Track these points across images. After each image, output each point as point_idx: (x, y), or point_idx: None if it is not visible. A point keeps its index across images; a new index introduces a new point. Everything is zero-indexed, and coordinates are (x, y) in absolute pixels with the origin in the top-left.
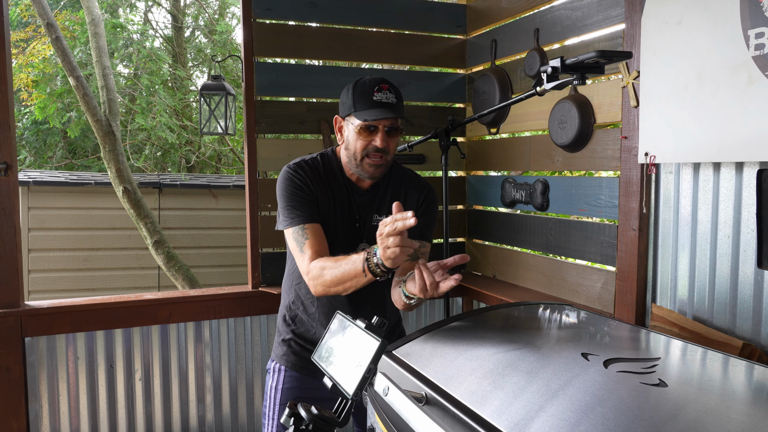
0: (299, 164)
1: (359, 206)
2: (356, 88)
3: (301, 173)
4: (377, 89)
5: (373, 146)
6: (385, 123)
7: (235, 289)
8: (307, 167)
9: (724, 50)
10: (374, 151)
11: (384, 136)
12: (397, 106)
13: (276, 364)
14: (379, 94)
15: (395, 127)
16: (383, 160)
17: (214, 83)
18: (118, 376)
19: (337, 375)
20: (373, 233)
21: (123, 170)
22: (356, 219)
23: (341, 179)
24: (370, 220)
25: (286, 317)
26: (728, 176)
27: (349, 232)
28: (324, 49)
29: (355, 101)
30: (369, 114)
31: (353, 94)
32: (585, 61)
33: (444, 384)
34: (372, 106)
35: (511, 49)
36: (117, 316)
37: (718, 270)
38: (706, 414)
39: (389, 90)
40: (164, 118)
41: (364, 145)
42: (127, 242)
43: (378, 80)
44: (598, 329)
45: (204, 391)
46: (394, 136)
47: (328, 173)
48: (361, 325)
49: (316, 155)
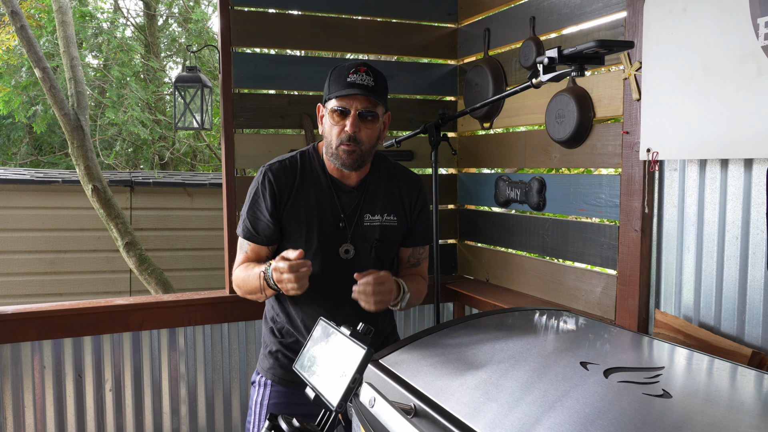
0: (272, 168)
1: (344, 205)
2: (333, 72)
3: (273, 181)
4: (354, 71)
5: (345, 133)
6: (357, 106)
7: (212, 294)
8: (284, 169)
9: (732, 39)
10: (346, 139)
11: (355, 120)
12: (373, 89)
13: (262, 377)
14: (354, 76)
15: (370, 112)
16: (355, 148)
17: (189, 75)
18: (87, 386)
19: (320, 385)
20: (363, 234)
21: (92, 167)
22: (341, 219)
23: (323, 177)
24: (359, 219)
25: (273, 329)
26: (736, 173)
27: (332, 233)
28: (306, 39)
29: (331, 84)
30: (339, 93)
31: (330, 77)
32: (584, 51)
33: (434, 395)
34: (345, 86)
35: (505, 38)
36: (86, 322)
37: (725, 273)
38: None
39: (367, 72)
40: (136, 112)
41: (338, 131)
42: (96, 244)
43: (357, 63)
44: (597, 336)
45: (178, 402)
46: (368, 122)
47: (308, 172)
48: (345, 332)
49: (296, 153)
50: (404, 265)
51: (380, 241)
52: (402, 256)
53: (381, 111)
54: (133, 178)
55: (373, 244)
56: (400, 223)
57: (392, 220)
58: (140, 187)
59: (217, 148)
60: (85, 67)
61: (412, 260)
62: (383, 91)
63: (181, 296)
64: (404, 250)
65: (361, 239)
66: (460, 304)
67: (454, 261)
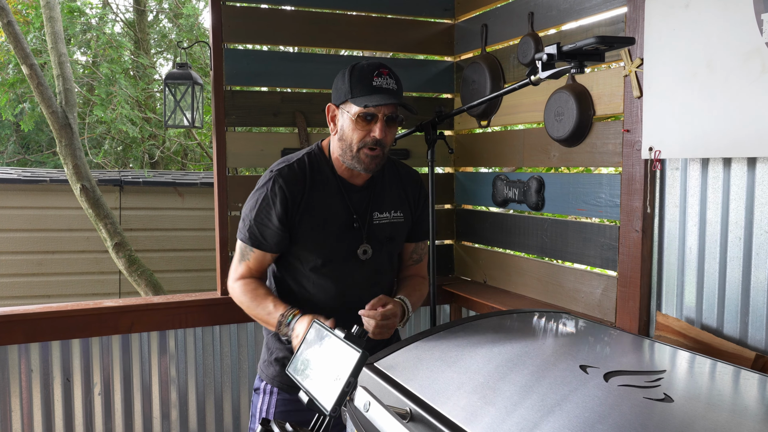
0: (282, 173)
1: (356, 205)
2: (354, 73)
3: (284, 187)
4: (377, 74)
5: (372, 137)
6: (385, 111)
7: (203, 296)
8: (293, 173)
9: (736, 36)
10: (373, 143)
11: (383, 125)
12: (398, 93)
13: (267, 385)
14: (379, 79)
15: (394, 117)
16: (380, 152)
17: (179, 72)
18: (76, 390)
19: (314, 389)
20: (374, 232)
21: (81, 166)
22: (354, 219)
23: (333, 178)
24: (369, 218)
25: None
26: (740, 173)
27: (348, 234)
28: (300, 35)
29: (353, 86)
30: (369, 100)
31: (350, 78)
32: (584, 47)
33: (430, 399)
34: (372, 91)
35: (503, 34)
36: (74, 325)
37: (728, 275)
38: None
39: (389, 75)
40: (125, 110)
41: (362, 135)
42: (85, 245)
43: (377, 64)
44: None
45: (169, 407)
46: (392, 126)
47: (318, 174)
48: (340, 334)
49: (303, 155)
50: (407, 262)
51: (390, 239)
52: (405, 253)
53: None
54: (123, 177)
55: (385, 242)
56: (406, 219)
57: (399, 217)
58: (130, 186)
59: (209, 147)
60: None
61: (415, 256)
62: (402, 93)
63: (172, 298)
64: (408, 246)
65: (374, 238)
66: (457, 306)
67: (451, 262)
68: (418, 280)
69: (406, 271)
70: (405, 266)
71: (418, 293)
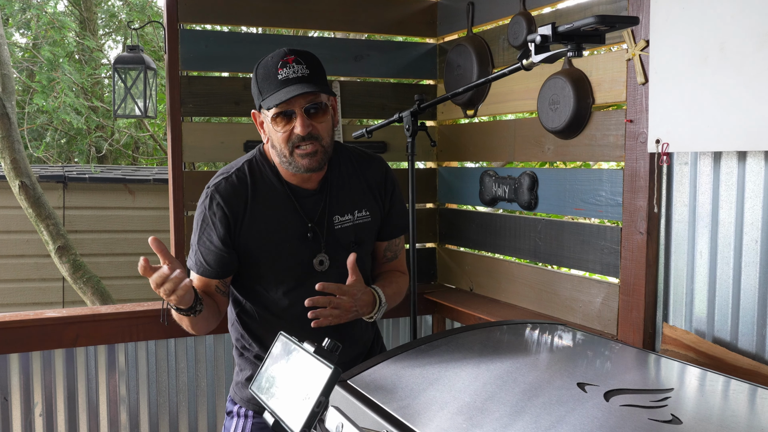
0: (219, 189)
1: (309, 212)
2: (259, 71)
3: (222, 204)
4: (281, 65)
5: (296, 135)
6: (302, 103)
7: (156, 306)
8: (232, 187)
9: (751, 16)
10: (299, 141)
11: (304, 119)
12: (312, 78)
13: (240, 408)
14: (284, 70)
15: (318, 105)
16: (316, 146)
17: (130, 55)
18: (14, 410)
19: (281, 410)
20: (336, 239)
21: (20, 161)
22: (308, 229)
23: (279, 186)
24: (329, 224)
25: (247, 357)
26: (756, 168)
27: (303, 246)
28: (263, 14)
29: (261, 87)
30: (277, 97)
31: (257, 78)
32: (581, 28)
33: (409, 420)
34: (279, 86)
35: (491, 13)
36: (12, 338)
37: (743, 282)
38: None
39: (296, 61)
40: (69, 98)
41: (286, 136)
42: (24, 248)
43: (281, 53)
44: (597, 354)
45: (118, 428)
46: (320, 115)
47: (261, 184)
48: (309, 348)
49: (242, 164)
50: (380, 260)
51: (357, 243)
52: (377, 251)
53: (326, 97)
54: (67, 173)
55: (350, 248)
56: (374, 216)
57: (365, 216)
58: (75, 183)
59: (162, 139)
60: (11, 47)
61: (389, 254)
62: (321, 74)
63: (121, 308)
64: (379, 245)
65: (334, 246)
66: (440, 317)
67: (433, 268)
68: (395, 274)
69: (382, 268)
70: (379, 264)
71: (394, 286)
